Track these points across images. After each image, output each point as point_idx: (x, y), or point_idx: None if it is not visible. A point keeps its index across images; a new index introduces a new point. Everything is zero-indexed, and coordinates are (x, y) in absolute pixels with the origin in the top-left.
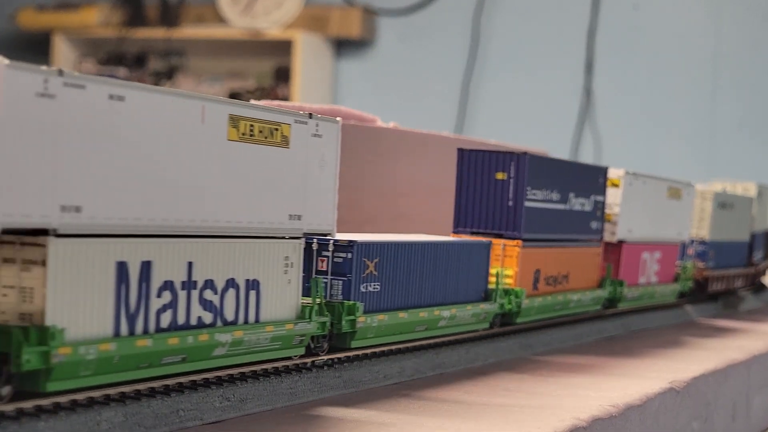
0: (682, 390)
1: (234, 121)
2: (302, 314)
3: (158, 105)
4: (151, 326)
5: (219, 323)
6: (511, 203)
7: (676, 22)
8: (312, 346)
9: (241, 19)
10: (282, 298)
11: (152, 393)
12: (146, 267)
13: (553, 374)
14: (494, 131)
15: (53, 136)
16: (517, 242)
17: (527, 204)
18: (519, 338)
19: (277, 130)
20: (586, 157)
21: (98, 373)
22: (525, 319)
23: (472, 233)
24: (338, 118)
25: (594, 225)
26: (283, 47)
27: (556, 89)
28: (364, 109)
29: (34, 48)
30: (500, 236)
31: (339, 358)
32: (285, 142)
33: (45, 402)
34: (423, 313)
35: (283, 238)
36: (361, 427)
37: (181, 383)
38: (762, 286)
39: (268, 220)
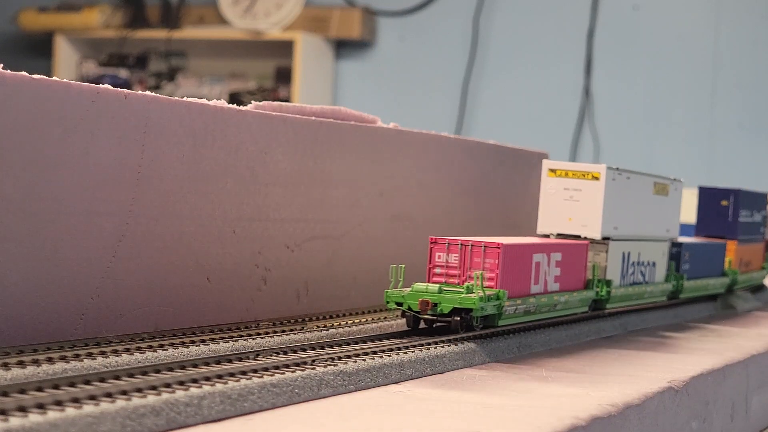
0: (680, 389)
1: (655, 185)
2: (666, 279)
3: (637, 181)
4: (628, 281)
5: (643, 282)
6: (730, 219)
7: (676, 22)
8: (666, 297)
9: (242, 20)
10: (660, 271)
11: (152, 388)
12: (628, 255)
13: (551, 374)
14: (494, 131)
15: (617, 198)
16: (734, 242)
17: (739, 219)
18: (518, 338)
19: (665, 187)
20: (586, 157)
21: (612, 302)
22: (737, 287)
23: (706, 236)
24: (681, 179)
25: (761, 230)
26: (284, 48)
27: (556, 89)
28: (364, 109)
29: (35, 49)
30: (722, 238)
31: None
32: (666, 193)
33: (46, 399)
34: (704, 281)
35: (662, 241)
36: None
37: (181, 382)
38: (761, 286)
39: (660, 232)
